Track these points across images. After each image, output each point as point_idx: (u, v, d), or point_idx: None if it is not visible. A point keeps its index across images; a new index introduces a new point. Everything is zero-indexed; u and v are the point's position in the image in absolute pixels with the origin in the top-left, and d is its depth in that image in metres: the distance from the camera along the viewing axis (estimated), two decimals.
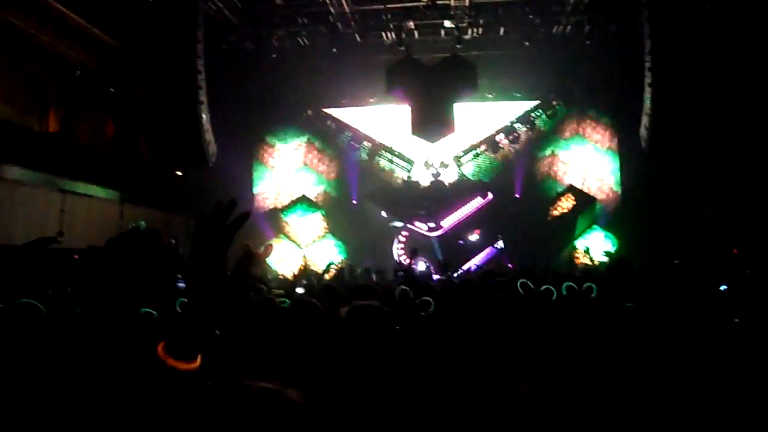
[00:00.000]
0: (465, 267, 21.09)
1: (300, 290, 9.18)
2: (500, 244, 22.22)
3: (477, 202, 22.60)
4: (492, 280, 7.80)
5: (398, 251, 22.03)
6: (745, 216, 17.95)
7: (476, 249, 22.16)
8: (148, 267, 8.93)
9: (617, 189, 23.67)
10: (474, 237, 22.13)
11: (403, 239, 22.24)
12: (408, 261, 19.82)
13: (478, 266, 21.39)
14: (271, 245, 8.51)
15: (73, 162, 17.18)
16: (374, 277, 15.33)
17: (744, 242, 15.78)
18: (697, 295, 6.47)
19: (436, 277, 16.13)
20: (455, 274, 19.77)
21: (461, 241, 21.80)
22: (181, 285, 8.30)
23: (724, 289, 7.89)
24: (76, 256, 15.68)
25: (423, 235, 21.81)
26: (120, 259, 9.19)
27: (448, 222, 21.97)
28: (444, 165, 23.66)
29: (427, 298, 6.81)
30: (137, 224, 10.04)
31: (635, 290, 6.25)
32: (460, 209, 22.37)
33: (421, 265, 21.02)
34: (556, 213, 22.67)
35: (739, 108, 18.06)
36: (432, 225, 21.49)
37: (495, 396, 3.22)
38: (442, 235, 21.81)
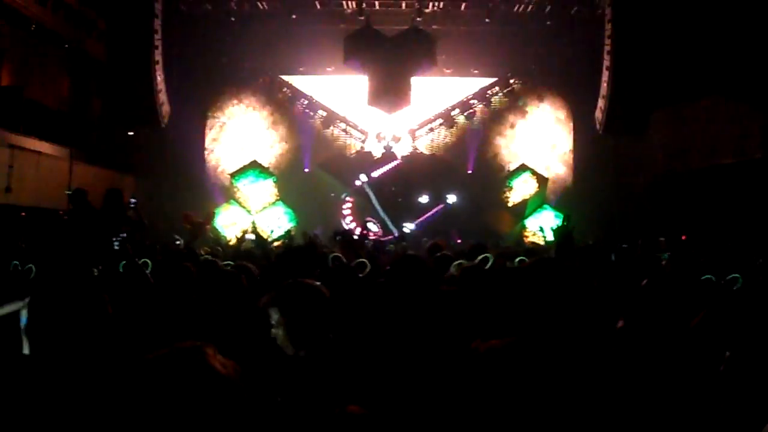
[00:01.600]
0: (410, 224, 21.14)
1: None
2: (451, 199, 22.25)
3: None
4: (437, 254, 7.85)
5: (347, 219, 22.04)
6: (692, 203, 18.20)
7: (425, 209, 22.19)
8: (104, 225, 8.87)
9: (569, 170, 23.89)
10: (423, 199, 22.14)
11: (348, 207, 22.24)
12: (360, 229, 19.96)
13: (424, 221, 21.46)
14: (211, 213, 8.55)
15: (23, 117, 16.91)
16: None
17: (689, 230, 16.01)
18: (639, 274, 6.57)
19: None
20: (403, 229, 19.95)
21: (393, 188, 21.78)
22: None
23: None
24: (23, 213, 15.49)
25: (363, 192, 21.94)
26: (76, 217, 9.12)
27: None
28: (396, 138, 23.65)
29: (363, 260, 6.83)
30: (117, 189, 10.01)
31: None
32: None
33: (372, 227, 21.16)
34: (515, 198, 22.91)
35: (694, 93, 18.29)
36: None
37: (445, 355, 3.24)
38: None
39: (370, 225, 21.65)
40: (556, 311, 3.27)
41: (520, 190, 22.94)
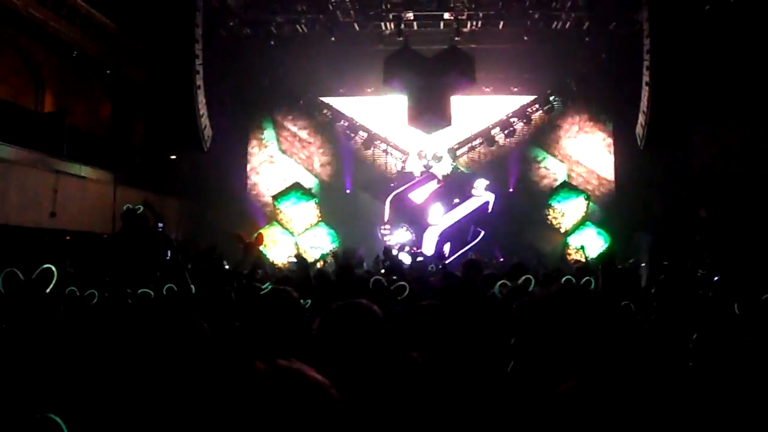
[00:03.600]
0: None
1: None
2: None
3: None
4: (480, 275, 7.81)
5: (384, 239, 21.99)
6: (739, 218, 17.98)
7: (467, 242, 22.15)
8: (138, 248, 8.93)
9: (611, 186, 23.75)
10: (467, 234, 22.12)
11: (387, 231, 22.20)
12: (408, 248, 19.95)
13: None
14: (261, 234, 8.54)
15: (67, 143, 17.15)
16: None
17: (735, 244, 15.80)
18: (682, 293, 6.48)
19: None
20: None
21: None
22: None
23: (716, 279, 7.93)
24: (68, 237, 15.69)
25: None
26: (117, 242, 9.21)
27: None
28: (437, 158, 23.66)
29: (402, 283, 6.78)
30: (134, 206, 10.00)
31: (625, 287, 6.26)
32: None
33: (406, 234, 21.18)
34: (566, 222, 22.84)
35: (736, 109, 18.12)
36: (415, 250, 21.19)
37: (527, 395, 3.21)
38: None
39: (402, 232, 21.67)
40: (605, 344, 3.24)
41: (571, 214, 22.80)
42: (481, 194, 22.47)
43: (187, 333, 3.05)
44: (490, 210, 22.49)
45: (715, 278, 7.79)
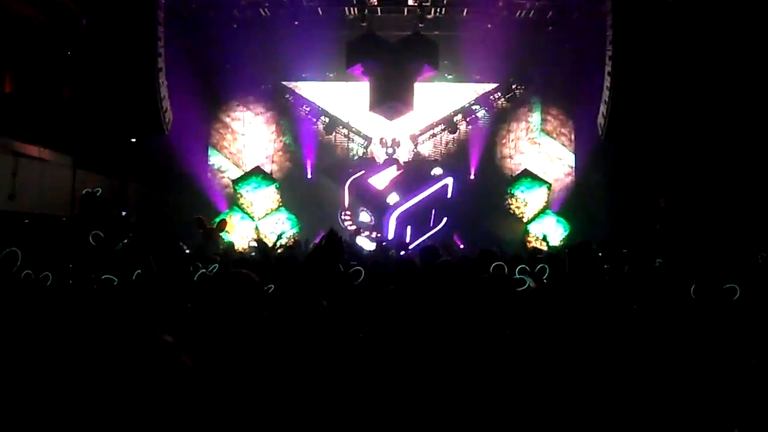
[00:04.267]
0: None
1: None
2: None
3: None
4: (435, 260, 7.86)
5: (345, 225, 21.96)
6: (698, 207, 18.22)
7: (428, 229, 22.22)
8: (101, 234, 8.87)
9: (571, 175, 23.94)
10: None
11: (347, 216, 22.20)
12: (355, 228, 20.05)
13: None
14: (224, 220, 8.56)
15: (26, 124, 16.95)
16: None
17: (695, 233, 16.03)
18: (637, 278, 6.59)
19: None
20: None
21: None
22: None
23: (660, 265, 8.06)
24: (27, 221, 15.53)
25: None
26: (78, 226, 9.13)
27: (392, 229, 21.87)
28: (397, 144, 23.70)
29: (359, 268, 6.81)
30: (93, 191, 9.93)
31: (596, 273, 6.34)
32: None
33: (365, 217, 21.24)
34: (528, 211, 22.95)
35: (699, 100, 18.29)
36: (378, 236, 21.14)
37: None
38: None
39: (363, 215, 21.70)
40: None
41: (533, 203, 22.95)
42: (439, 178, 22.50)
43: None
44: (450, 195, 22.55)
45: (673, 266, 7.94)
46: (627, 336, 4.19)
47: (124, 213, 10.67)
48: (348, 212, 22.12)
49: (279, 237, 12.80)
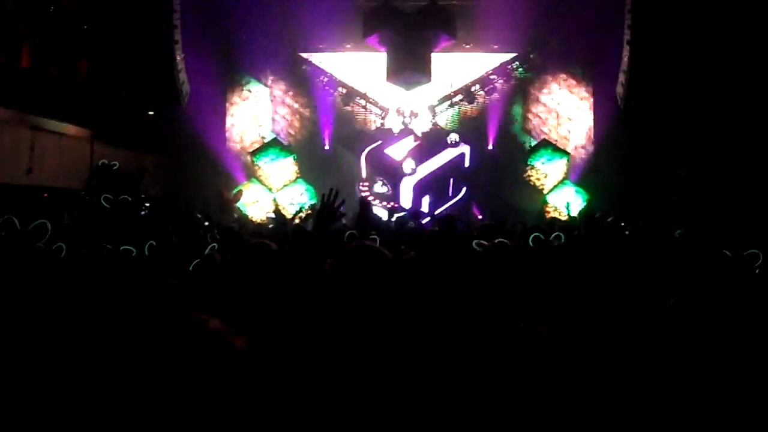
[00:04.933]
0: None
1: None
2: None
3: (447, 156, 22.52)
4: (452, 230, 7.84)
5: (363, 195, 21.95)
6: (717, 179, 18.10)
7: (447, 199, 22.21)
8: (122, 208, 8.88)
9: (590, 145, 23.79)
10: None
11: (365, 187, 22.19)
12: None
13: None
14: (241, 191, 8.56)
15: (44, 99, 16.98)
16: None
17: (713, 207, 15.91)
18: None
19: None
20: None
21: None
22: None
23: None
24: (46, 195, 15.60)
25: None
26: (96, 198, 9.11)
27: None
28: (415, 114, 23.59)
29: (374, 237, 6.81)
30: (110, 163, 9.92)
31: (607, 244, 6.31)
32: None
33: (381, 188, 21.24)
34: (548, 182, 22.90)
35: (719, 69, 18.13)
36: (393, 205, 21.10)
37: (500, 338, 3.22)
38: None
39: (378, 186, 21.70)
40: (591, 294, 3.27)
41: (553, 174, 22.88)
42: (456, 145, 22.44)
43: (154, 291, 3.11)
44: (467, 164, 22.51)
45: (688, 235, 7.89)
46: (643, 308, 4.16)
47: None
48: (366, 183, 22.11)
49: (299, 210, 12.83)
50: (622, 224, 9.88)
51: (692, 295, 3.59)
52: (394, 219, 12.56)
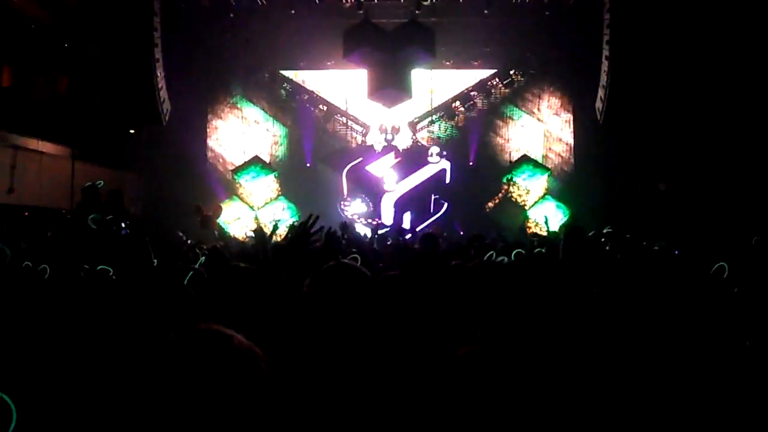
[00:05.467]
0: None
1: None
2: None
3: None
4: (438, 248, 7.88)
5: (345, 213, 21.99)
6: (697, 191, 18.26)
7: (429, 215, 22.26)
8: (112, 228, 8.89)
9: (571, 160, 23.93)
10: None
11: (347, 204, 22.24)
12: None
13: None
14: (220, 207, 8.62)
15: (25, 117, 16.97)
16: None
17: (694, 217, 16.07)
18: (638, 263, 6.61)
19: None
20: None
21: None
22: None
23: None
24: (26, 213, 15.58)
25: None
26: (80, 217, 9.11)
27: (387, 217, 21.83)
28: (396, 131, 23.64)
29: (355, 255, 6.82)
30: (95, 183, 9.94)
31: (589, 258, 6.35)
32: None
33: (360, 206, 21.29)
34: (530, 199, 22.91)
35: (696, 83, 18.31)
36: (375, 222, 21.13)
37: (435, 359, 3.27)
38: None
39: (357, 203, 21.73)
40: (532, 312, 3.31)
41: (535, 190, 22.94)
42: (437, 161, 22.53)
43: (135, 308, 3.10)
44: (448, 180, 22.59)
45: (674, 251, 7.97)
46: (620, 321, 4.21)
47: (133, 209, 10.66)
48: (348, 200, 22.15)
49: (275, 227, 12.85)
50: (603, 239, 9.96)
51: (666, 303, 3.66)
52: (376, 236, 12.58)
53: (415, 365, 3.59)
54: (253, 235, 9.82)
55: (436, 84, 24.15)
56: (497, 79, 24.20)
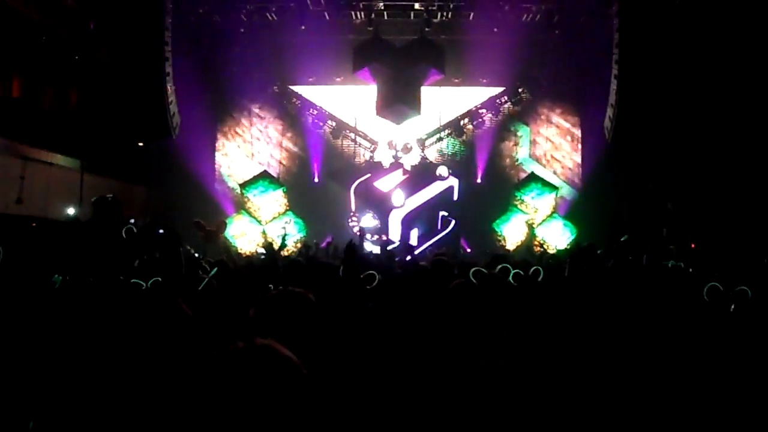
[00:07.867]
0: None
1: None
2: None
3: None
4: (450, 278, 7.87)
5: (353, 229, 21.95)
6: (705, 211, 18.22)
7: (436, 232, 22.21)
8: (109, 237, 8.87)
9: (578, 179, 23.90)
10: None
11: (355, 220, 22.22)
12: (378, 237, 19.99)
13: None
14: (224, 222, 8.61)
15: (35, 128, 17.02)
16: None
17: (701, 237, 16.01)
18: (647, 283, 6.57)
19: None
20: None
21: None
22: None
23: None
24: (34, 224, 15.57)
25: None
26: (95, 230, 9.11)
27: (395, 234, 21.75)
28: (407, 149, 23.64)
29: (372, 272, 6.80)
30: (106, 196, 9.95)
31: (599, 276, 6.34)
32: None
33: (371, 221, 21.22)
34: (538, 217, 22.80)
35: (704, 103, 18.30)
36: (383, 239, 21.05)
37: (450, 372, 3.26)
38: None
39: (366, 219, 21.67)
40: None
41: (543, 209, 22.83)
42: (445, 178, 22.49)
43: (171, 318, 3.07)
44: (456, 197, 22.54)
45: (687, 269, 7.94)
46: (627, 338, 4.20)
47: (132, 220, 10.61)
48: (356, 216, 22.13)
49: (283, 239, 12.83)
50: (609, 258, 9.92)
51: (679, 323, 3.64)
52: (383, 253, 12.57)
53: (429, 378, 3.59)
54: (264, 251, 9.82)
55: (445, 101, 24.14)
56: (506, 97, 24.21)
